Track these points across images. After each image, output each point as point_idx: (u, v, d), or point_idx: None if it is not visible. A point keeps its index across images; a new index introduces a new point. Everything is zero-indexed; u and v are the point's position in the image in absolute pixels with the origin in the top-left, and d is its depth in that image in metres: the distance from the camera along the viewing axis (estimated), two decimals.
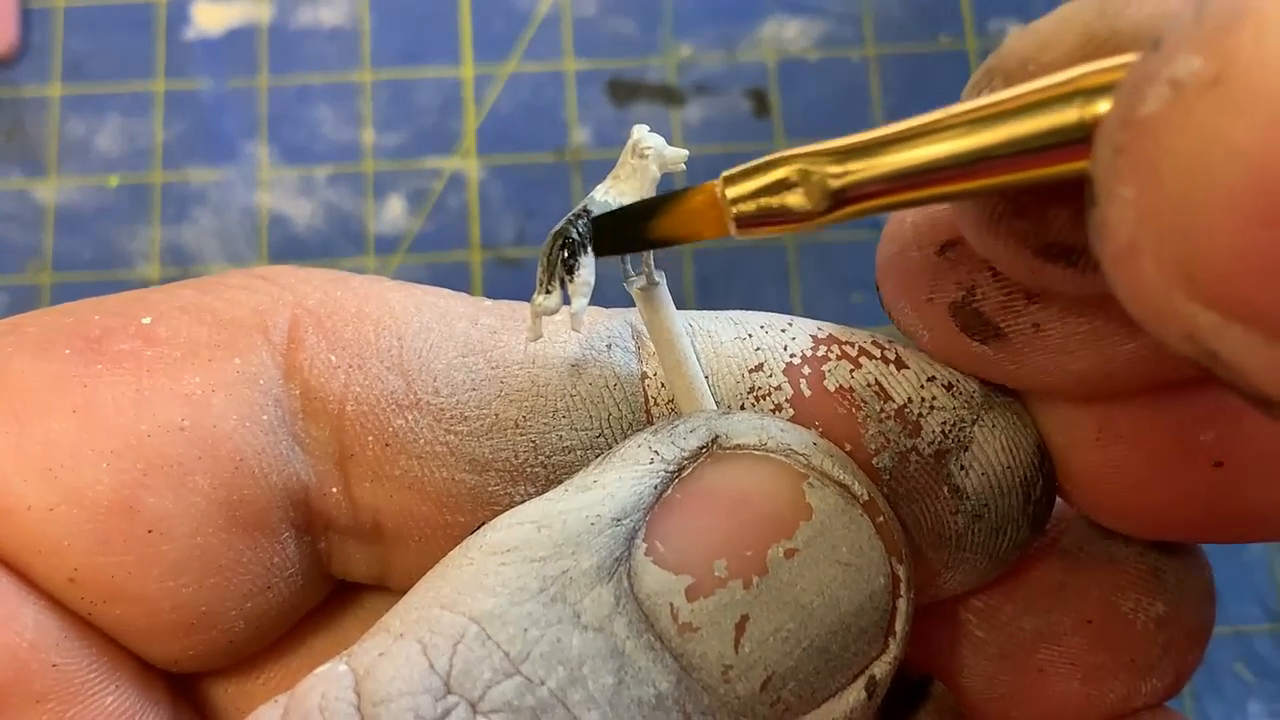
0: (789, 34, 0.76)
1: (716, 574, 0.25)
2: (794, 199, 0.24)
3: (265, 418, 0.30)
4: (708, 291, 0.71)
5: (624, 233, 0.28)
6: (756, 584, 0.25)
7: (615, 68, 0.75)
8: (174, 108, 0.74)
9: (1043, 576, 0.33)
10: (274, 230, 0.72)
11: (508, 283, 0.71)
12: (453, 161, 0.73)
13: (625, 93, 0.75)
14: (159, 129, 0.74)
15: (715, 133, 0.74)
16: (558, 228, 0.27)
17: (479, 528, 0.27)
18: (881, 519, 0.27)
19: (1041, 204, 0.23)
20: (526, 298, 0.29)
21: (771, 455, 0.27)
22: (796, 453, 0.27)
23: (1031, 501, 0.30)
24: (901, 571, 0.27)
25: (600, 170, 0.73)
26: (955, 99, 0.26)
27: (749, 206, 0.25)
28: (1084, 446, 0.30)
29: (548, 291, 0.27)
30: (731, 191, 0.25)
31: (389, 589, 0.34)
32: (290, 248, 0.72)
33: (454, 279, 0.71)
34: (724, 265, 0.71)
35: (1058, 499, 0.31)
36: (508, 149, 0.74)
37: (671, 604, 0.25)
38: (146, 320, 0.30)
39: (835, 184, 0.23)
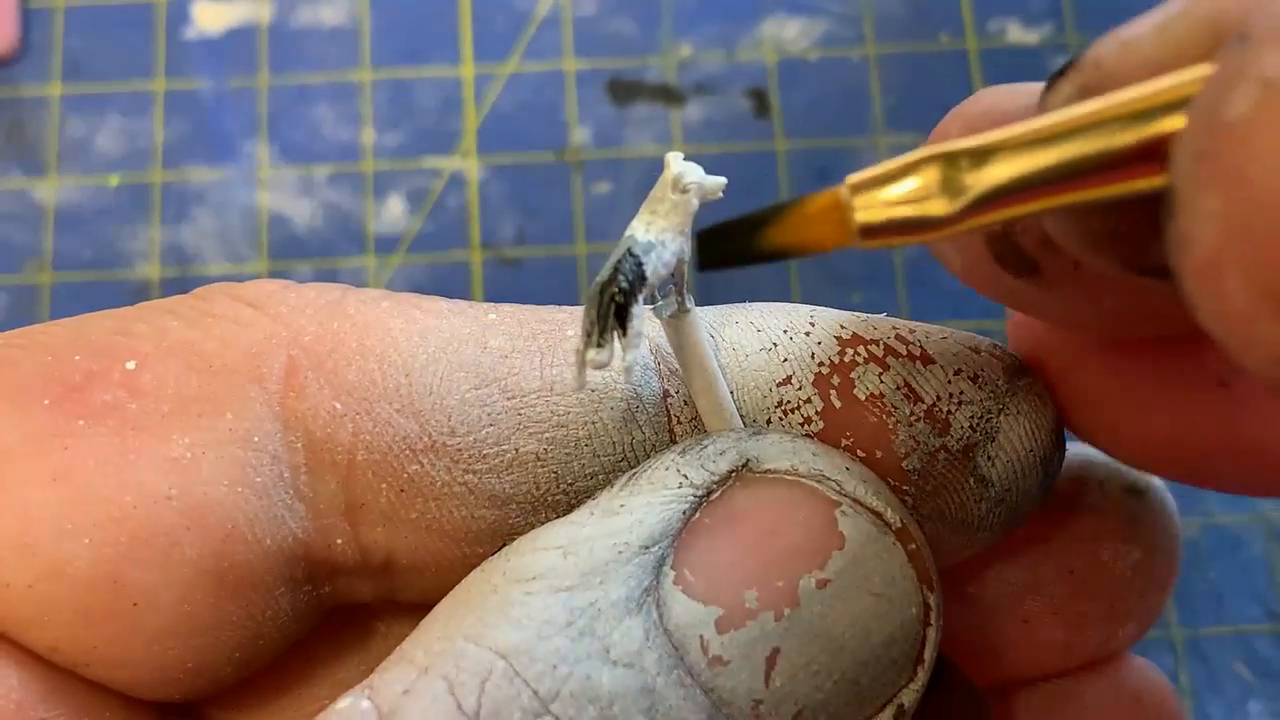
0: (789, 34, 0.76)
1: (747, 605, 0.25)
2: (932, 206, 0.22)
3: (259, 480, 0.28)
4: (708, 290, 0.71)
5: (733, 244, 0.25)
6: (788, 616, 0.25)
7: (615, 67, 0.75)
8: (174, 108, 0.74)
9: (1029, 531, 0.33)
10: (274, 230, 0.72)
11: (508, 282, 0.71)
12: (453, 161, 0.73)
13: (625, 92, 0.75)
14: (159, 129, 0.73)
15: (715, 133, 0.73)
16: (604, 278, 0.25)
17: (500, 549, 0.27)
18: (914, 546, 0.27)
19: (1142, 231, 0.22)
20: (526, 297, 0.28)
21: (803, 480, 0.27)
22: (829, 478, 0.27)
23: (1049, 475, 0.30)
24: (932, 600, 0.27)
25: (600, 170, 0.73)
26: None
27: (878, 215, 0.22)
28: (1091, 367, 0.30)
29: (599, 345, 0.25)
30: (860, 199, 0.23)
31: (395, 600, 0.32)
32: (290, 247, 0.72)
33: (454, 279, 0.71)
34: None
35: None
36: (508, 149, 0.73)
37: (701, 636, 0.24)
38: (131, 365, 0.28)
39: (981, 188, 0.21)
